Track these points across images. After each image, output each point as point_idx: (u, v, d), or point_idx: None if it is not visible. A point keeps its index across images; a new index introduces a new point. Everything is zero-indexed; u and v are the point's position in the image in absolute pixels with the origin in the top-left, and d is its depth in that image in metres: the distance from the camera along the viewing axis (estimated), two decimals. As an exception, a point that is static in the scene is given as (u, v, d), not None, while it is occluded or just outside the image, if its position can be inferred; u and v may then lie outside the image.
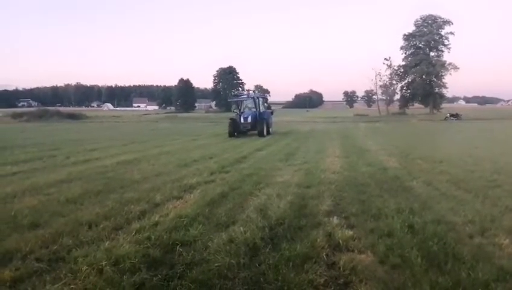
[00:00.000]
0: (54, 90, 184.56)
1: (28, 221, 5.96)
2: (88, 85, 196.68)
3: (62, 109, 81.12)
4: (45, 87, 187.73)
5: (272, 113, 29.18)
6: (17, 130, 34.25)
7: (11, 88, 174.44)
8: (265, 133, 24.42)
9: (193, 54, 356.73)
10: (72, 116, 60.34)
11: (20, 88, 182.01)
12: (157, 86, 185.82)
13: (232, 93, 39.47)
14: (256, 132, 24.65)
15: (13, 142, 20.68)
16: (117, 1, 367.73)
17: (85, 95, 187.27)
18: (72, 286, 3.89)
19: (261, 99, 28.05)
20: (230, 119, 25.77)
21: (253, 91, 28.90)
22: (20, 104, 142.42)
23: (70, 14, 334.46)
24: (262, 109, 26.87)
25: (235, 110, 28.92)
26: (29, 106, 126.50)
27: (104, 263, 4.28)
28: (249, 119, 25.05)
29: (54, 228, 5.64)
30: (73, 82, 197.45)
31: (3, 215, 6.27)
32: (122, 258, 4.43)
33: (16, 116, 56.96)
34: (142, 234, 5.31)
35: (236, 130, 24.62)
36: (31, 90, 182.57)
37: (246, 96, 27.77)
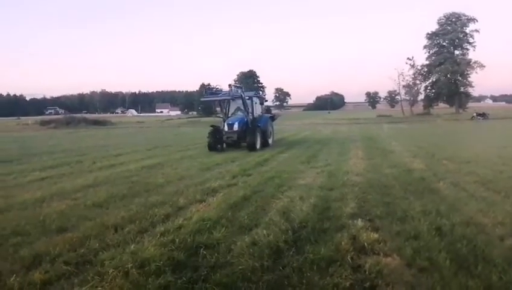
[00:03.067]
0: (80, 97, 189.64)
1: (56, 225, 6.14)
2: (113, 92, 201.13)
3: (88, 115, 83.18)
4: (72, 95, 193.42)
5: (272, 118, 22.24)
6: (45, 136, 35.28)
7: (39, 96, 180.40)
8: (258, 145, 17.83)
9: (214, 58, 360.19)
10: (97, 123, 61.72)
11: (47, 96, 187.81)
12: (179, 91, 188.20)
13: (206, 90, 21.72)
14: (247, 143, 17.99)
15: (41, 148, 21.30)
16: (139, 10, 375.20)
17: (110, 101, 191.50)
18: (99, 289, 3.98)
19: (255, 99, 20.54)
20: (212, 126, 19.20)
21: (241, 87, 19.90)
22: (47, 112, 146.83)
23: (95, 24, 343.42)
24: (257, 112, 20.00)
25: (218, 114, 21.11)
26: (57, 113, 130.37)
27: (129, 266, 4.36)
28: (236, 127, 18.21)
29: (81, 231, 5.78)
30: (98, 89, 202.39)
31: (32, 220, 6.45)
32: (147, 261, 4.50)
33: (44, 123, 58.66)
34: (167, 237, 5.37)
35: (219, 141, 18.36)
36: (58, 98, 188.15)
37: (226, 94, 18.44)
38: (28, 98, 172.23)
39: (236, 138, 18.20)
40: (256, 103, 20.20)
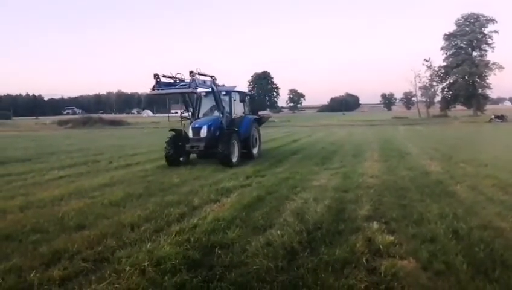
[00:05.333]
0: (97, 98, 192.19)
1: (74, 223, 6.28)
2: (129, 93, 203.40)
3: (104, 116, 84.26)
4: (88, 95, 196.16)
5: (259, 121, 16.98)
6: (63, 136, 35.94)
7: (57, 97, 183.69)
8: (234, 157, 13.23)
9: (228, 59, 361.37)
10: (113, 123, 62.56)
11: (65, 97, 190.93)
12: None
13: (158, 81, 12.50)
14: (218, 155, 12.96)
15: (59, 148, 21.72)
16: (155, 11, 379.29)
17: (126, 102, 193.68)
18: (116, 286, 4.05)
19: (234, 95, 15.23)
20: (172, 131, 14.39)
21: (212, 77, 13.53)
22: (65, 112, 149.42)
23: (112, 25, 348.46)
24: (236, 112, 15.13)
25: (183, 115, 14.80)
26: (74, 113, 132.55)
27: (146, 264, 4.43)
28: (203, 132, 13.44)
29: (99, 229, 5.89)
30: (114, 90, 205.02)
31: (51, 217, 6.61)
32: (163, 259, 4.57)
33: (61, 123, 59.86)
34: (182, 236, 5.44)
35: (180, 151, 13.65)
36: (76, 98, 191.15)
37: (185, 85, 12.47)
38: (46, 98, 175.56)
39: (204, 147, 13.22)
40: (235, 100, 15.02)
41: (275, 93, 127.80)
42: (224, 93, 14.68)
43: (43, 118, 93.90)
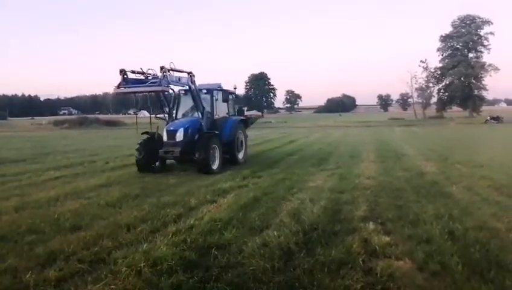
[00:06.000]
0: (93, 98, 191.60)
1: (70, 223, 6.25)
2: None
3: (101, 116, 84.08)
4: (85, 96, 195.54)
5: (246, 122, 15.28)
6: (59, 136, 35.79)
7: (53, 97, 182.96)
8: (215, 164, 11.92)
9: (225, 60, 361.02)
10: (110, 124, 62.40)
11: (61, 97, 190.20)
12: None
13: (125, 78, 10.91)
14: (196, 161, 11.62)
15: (55, 148, 21.64)
16: (152, 12, 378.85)
17: (122, 103, 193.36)
18: (112, 287, 4.03)
19: (217, 94, 13.68)
20: (146, 133, 12.78)
21: (190, 73, 12.19)
22: (61, 112, 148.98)
23: (109, 25, 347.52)
24: (219, 112, 13.74)
25: (158, 116, 13.45)
26: (70, 113, 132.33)
27: (142, 265, 4.42)
28: (179, 136, 12.11)
29: (95, 230, 5.88)
30: (111, 90, 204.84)
31: (47, 218, 6.58)
32: (159, 260, 4.56)
33: (57, 123, 59.66)
34: (178, 237, 5.44)
35: (153, 156, 12.28)
36: (72, 98, 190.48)
37: (155, 82, 10.92)
38: (42, 99, 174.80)
39: (180, 152, 11.79)
40: (217, 100, 13.58)
41: (271, 94, 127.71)
42: (205, 91, 13.28)
43: (39, 118, 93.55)
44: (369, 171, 11.12)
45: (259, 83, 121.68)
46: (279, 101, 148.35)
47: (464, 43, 70.84)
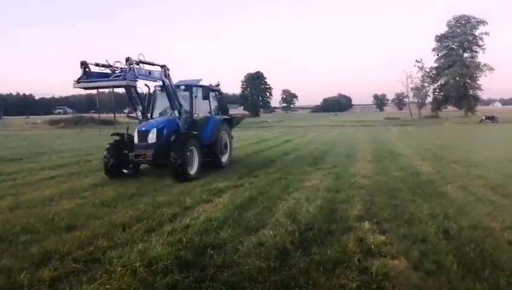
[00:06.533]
0: (88, 97, 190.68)
1: (65, 223, 6.22)
2: (120, 92, 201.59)
3: (96, 115, 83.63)
4: (80, 95, 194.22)
5: (230, 122, 14.14)
6: (54, 136, 35.61)
7: (48, 96, 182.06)
8: (193, 170, 10.71)
9: (221, 60, 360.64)
10: (105, 123, 62.08)
11: (56, 96, 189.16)
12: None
13: (86, 72, 9.65)
14: (171, 165, 10.29)
15: (50, 147, 21.51)
16: (146, 10, 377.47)
17: (118, 102, 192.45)
18: (107, 286, 4.02)
19: (196, 90, 12.31)
20: (116, 135, 11.54)
21: (164, 68, 11.12)
22: (56, 111, 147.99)
23: (105, 25, 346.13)
24: (200, 111, 12.44)
25: (130, 115, 12.60)
26: (65, 112, 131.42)
27: (137, 265, 4.40)
28: (151, 137, 10.81)
29: (90, 230, 5.85)
30: (106, 89, 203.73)
31: (41, 218, 6.55)
32: (155, 259, 4.54)
33: (52, 122, 59.20)
34: (174, 237, 5.42)
35: (124, 160, 10.94)
36: (67, 97, 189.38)
37: (119, 77, 9.72)
38: (37, 98, 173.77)
39: (152, 156, 10.47)
40: (196, 97, 12.22)
41: (268, 94, 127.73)
42: (183, 88, 12.09)
43: (34, 117, 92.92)
44: (365, 171, 11.15)
45: (256, 82, 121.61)
46: (275, 100, 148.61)
47: (459, 43, 71.14)
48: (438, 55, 74.26)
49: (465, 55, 72.43)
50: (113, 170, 10.77)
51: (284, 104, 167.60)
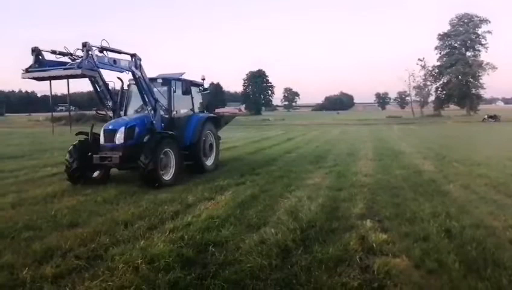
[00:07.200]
0: (90, 95, 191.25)
1: (67, 220, 6.24)
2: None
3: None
4: (82, 92, 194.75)
5: (216, 121, 12.79)
6: (56, 133, 35.61)
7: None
8: (168, 175, 9.58)
9: (223, 57, 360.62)
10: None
11: (58, 93, 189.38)
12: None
13: (37, 60, 8.17)
14: (141, 169, 9.03)
15: (53, 144, 21.56)
16: (151, 9, 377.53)
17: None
18: (109, 283, 4.02)
19: (175, 84, 10.97)
20: (80, 134, 10.57)
21: (135, 57, 9.48)
22: (58, 109, 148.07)
23: (106, 22, 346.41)
24: (178, 109, 11.24)
25: (100, 112, 11.34)
26: (67, 110, 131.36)
27: (139, 261, 4.41)
28: (119, 137, 9.56)
29: (92, 227, 5.87)
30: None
31: (44, 215, 6.57)
32: (157, 257, 4.55)
33: (54, 120, 59.31)
34: (176, 234, 5.43)
35: (89, 164, 9.61)
36: (69, 95, 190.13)
37: (73, 65, 8.40)
38: (39, 95, 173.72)
39: (120, 158, 9.23)
40: (175, 92, 10.90)
41: (269, 92, 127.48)
42: (160, 81, 10.74)
43: (36, 114, 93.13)
44: (367, 169, 11.13)
45: (257, 81, 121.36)
46: (277, 98, 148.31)
47: (462, 41, 70.95)
48: (440, 53, 74.10)
49: (468, 53, 72.24)
50: (76, 174, 9.39)
51: (286, 103, 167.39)
